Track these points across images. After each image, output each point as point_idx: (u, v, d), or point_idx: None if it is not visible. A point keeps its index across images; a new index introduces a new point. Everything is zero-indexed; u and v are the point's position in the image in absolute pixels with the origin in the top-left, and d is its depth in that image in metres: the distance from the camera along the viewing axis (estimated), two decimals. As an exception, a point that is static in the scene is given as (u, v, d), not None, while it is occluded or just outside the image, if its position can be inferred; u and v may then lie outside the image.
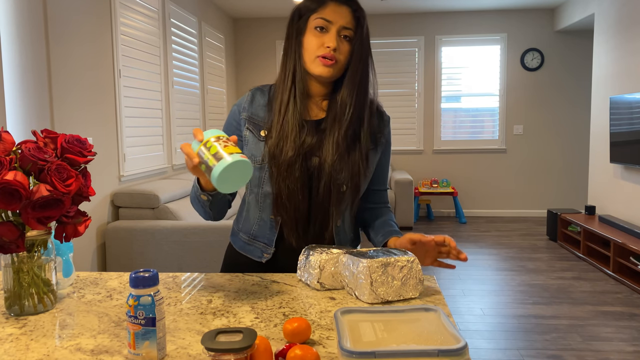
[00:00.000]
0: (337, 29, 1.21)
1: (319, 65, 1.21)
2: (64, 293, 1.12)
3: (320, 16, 1.21)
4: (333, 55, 1.20)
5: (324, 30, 1.21)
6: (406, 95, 6.42)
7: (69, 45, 2.98)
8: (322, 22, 1.21)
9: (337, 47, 1.20)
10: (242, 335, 0.73)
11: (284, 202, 1.23)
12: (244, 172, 0.98)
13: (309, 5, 1.24)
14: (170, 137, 4.38)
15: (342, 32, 1.21)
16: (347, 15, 1.21)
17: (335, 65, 1.21)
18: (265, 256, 1.29)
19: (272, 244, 1.28)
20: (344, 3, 1.22)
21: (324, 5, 1.22)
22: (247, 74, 6.53)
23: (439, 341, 0.75)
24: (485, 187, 6.48)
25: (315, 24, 1.21)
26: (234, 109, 1.32)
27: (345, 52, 1.22)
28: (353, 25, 1.22)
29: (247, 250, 1.32)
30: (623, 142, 4.24)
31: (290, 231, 1.25)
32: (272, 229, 1.28)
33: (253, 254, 1.31)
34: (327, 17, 1.20)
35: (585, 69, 6.20)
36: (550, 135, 6.35)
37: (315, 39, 1.21)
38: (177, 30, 4.57)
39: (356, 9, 1.23)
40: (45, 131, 1.00)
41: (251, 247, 1.31)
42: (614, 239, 3.89)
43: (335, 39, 1.20)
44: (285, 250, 1.29)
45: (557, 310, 3.28)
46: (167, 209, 3.39)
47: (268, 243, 1.29)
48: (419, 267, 1.06)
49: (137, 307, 0.78)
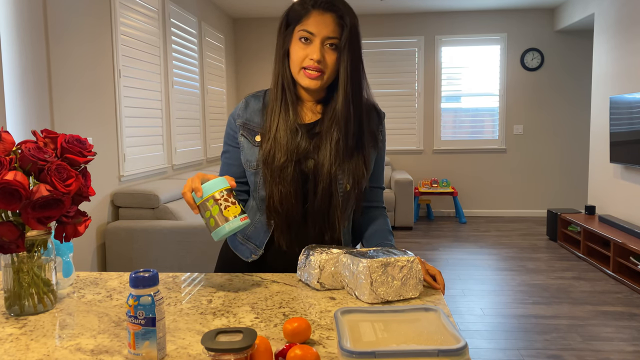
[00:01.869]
0: (320, 40, 1.19)
1: (305, 78, 1.21)
2: (64, 293, 1.12)
3: (303, 27, 1.20)
4: (317, 67, 1.19)
5: (308, 41, 1.19)
6: (406, 95, 6.42)
7: (69, 45, 2.98)
8: (305, 34, 1.19)
9: (322, 58, 1.19)
10: (242, 335, 0.73)
11: (276, 206, 1.23)
12: (242, 228, 1.09)
13: (293, 15, 1.22)
14: (170, 137, 4.38)
15: (327, 42, 1.19)
16: (330, 23, 1.19)
17: (321, 77, 1.21)
18: (253, 257, 1.31)
19: (262, 246, 1.30)
20: (328, 10, 1.19)
21: (307, 14, 1.20)
22: (247, 74, 6.53)
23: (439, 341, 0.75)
24: (485, 187, 6.48)
25: (299, 35, 1.20)
26: (229, 119, 1.34)
27: (332, 61, 1.20)
28: (338, 33, 1.19)
29: (238, 249, 1.34)
30: (623, 142, 4.24)
31: (281, 234, 1.26)
32: (266, 232, 1.29)
33: (243, 253, 1.33)
34: (310, 29, 1.19)
35: (585, 69, 6.20)
36: (550, 135, 6.35)
37: (300, 50, 1.21)
38: (177, 30, 4.57)
39: (341, 15, 1.19)
40: (45, 131, 1.00)
41: (243, 247, 1.33)
42: (614, 238, 3.89)
43: (319, 50, 1.18)
44: (275, 253, 1.30)
45: (557, 310, 3.28)
46: (167, 209, 3.39)
47: (259, 245, 1.30)
48: (419, 267, 1.06)
49: (137, 307, 0.78)
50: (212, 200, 1.04)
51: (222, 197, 1.04)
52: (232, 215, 1.03)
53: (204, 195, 1.04)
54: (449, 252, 4.78)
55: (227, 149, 1.34)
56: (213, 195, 1.04)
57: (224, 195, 1.04)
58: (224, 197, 1.04)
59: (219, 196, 1.04)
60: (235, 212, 1.04)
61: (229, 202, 1.04)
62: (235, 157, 1.32)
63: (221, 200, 1.04)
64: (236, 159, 1.32)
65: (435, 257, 4.59)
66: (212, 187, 1.05)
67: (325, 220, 1.26)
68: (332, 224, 1.26)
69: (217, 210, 1.03)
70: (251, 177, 1.29)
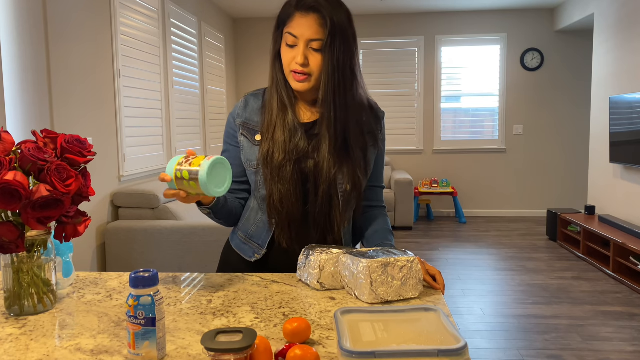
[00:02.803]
0: (304, 43, 1.18)
1: (293, 81, 1.22)
2: (64, 293, 1.12)
3: (288, 30, 1.19)
4: (303, 70, 1.19)
5: (294, 44, 1.19)
6: (406, 95, 6.42)
7: (69, 45, 2.98)
8: (290, 38, 1.19)
9: (307, 61, 1.18)
10: (242, 335, 0.73)
11: (277, 205, 1.23)
12: (222, 168, 1.07)
13: (282, 17, 1.22)
14: (170, 137, 4.38)
15: (311, 44, 1.18)
16: (313, 25, 1.17)
17: (309, 79, 1.20)
18: (256, 256, 1.31)
19: (265, 245, 1.30)
20: (310, 11, 1.17)
21: (292, 17, 1.19)
22: (247, 74, 6.53)
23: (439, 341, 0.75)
24: (485, 187, 6.48)
25: (285, 38, 1.20)
26: (229, 119, 1.34)
27: (317, 63, 1.19)
28: (322, 34, 1.17)
29: (241, 249, 1.34)
30: (623, 142, 4.24)
31: (282, 233, 1.26)
32: (268, 231, 1.29)
33: (245, 253, 1.33)
34: (294, 32, 1.18)
35: (585, 69, 6.20)
36: (550, 135, 6.35)
37: (287, 53, 1.21)
38: (177, 30, 4.56)
39: (324, 15, 1.16)
40: (45, 131, 1.00)
41: (245, 247, 1.33)
42: (613, 239, 3.89)
43: (303, 54, 1.18)
44: (277, 252, 1.30)
45: (557, 310, 3.28)
46: (167, 209, 3.39)
47: (261, 244, 1.30)
48: (419, 267, 1.06)
49: (137, 307, 0.78)
50: (178, 172, 1.06)
51: (182, 162, 1.06)
52: (198, 164, 1.05)
53: (170, 174, 1.06)
54: (448, 252, 4.78)
55: (227, 148, 1.34)
56: (175, 168, 1.06)
57: (183, 161, 1.07)
58: (183, 162, 1.06)
59: (180, 164, 1.06)
60: (199, 161, 1.05)
61: (189, 160, 1.06)
62: (235, 156, 1.32)
63: (184, 164, 1.06)
64: (236, 159, 1.32)
65: (435, 257, 4.59)
66: (171, 164, 1.08)
67: (326, 222, 1.26)
68: (333, 225, 1.26)
69: (187, 173, 1.04)
70: (252, 176, 1.29)
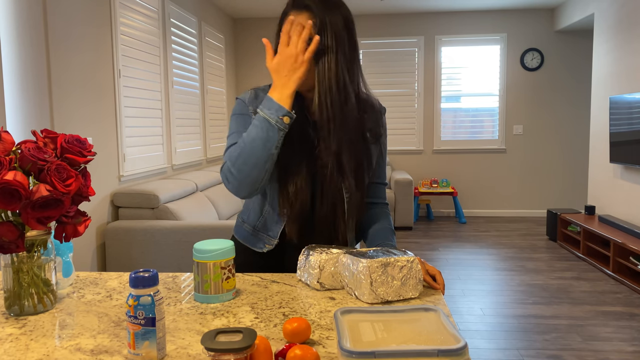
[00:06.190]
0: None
1: None
2: (64, 293, 1.12)
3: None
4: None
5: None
6: (406, 95, 6.42)
7: (69, 45, 2.98)
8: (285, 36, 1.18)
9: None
10: (242, 335, 0.73)
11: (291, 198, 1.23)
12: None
13: (281, 16, 1.23)
14: (170, 137, 4.37)
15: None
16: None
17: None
18: (267, 247, 1.31)
19: (277, 236, 1.29)
20: (302, 9, 1.18)
21: (286, 15, 1.20)
22: (247, 74, 6.53)
23: (439, 341, 0.75)
24: (485, 187, 6.48)
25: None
26: (240, 103, 1.29)
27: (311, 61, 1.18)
28: (314, 33, 1.16)
29: (249, 241, 1.34)
30: (623, 142, 4.24)
31: (293, 225, 1.26)
32: (279, 223, 1.29)
33: (255, 245, 1.33)
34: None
35: (585, 69, 6.20)
36: (550, 135, 6.35)
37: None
38: (177, 30, 4.56)
39: (315, 14, 1.16)
40: (45, 131, 1.00)
41: (254, 239, 1.33)
42: (613, 239, 3.89)
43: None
44: (287, 245, 1.31)
45: (557, 310, 3.28)
46: (167, 209, 3.39)
47: (272, 235, 1.30)
48: (419, 267, 1.06)
49: (137, 307, 0.78)
50: (218, 266, 1.04)
51: (227, 266, 1.05)
52: (229, 287, 1.05)
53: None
54: (448, 252, 4.78)
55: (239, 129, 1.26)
56: (221, 262, 1.04)
57: (229, 266, 1.06)
58: (229, 267, 1.06)
59: (225, 265, 1.05)
60: (232, 285, 1.06)
61: (232, 273, 1.06)
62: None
63: (226, 270, 1.05)
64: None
65: (435, 257, 4.59)
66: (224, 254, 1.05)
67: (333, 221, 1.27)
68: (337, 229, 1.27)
69: (219, 277, 1.04)
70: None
